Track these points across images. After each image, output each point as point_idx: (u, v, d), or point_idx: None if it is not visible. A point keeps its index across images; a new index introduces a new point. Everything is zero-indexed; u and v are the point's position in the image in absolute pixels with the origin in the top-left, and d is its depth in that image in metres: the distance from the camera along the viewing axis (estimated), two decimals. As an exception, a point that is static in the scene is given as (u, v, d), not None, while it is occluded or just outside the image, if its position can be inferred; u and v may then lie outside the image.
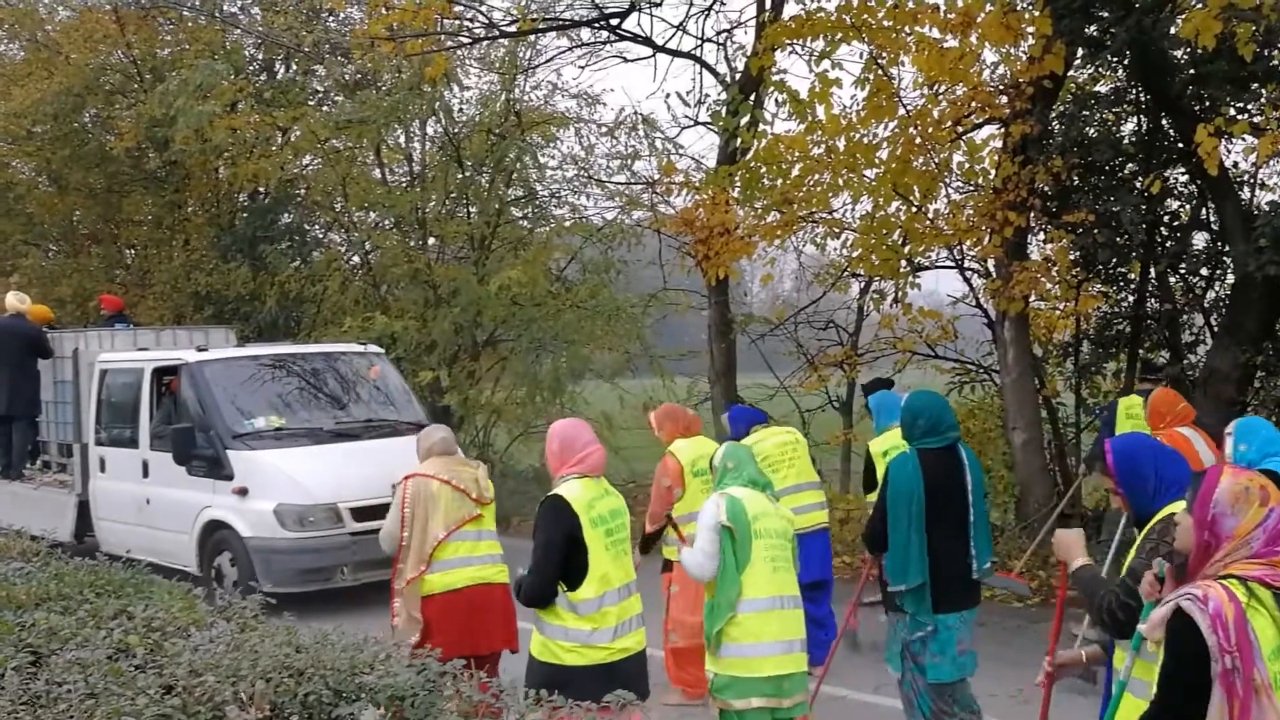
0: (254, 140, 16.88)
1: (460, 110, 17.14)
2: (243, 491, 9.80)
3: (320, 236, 19.40)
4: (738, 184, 11.76)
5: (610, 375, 17.28)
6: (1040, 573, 9.79)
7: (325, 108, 17.98)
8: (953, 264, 12.39)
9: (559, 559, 4.78)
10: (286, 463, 9.98)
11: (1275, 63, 9.49)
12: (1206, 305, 11.25)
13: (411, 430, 10.70)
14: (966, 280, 12.52)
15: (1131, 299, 11.41)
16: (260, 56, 18.89)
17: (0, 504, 11.91)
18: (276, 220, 18.29)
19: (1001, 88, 10.86)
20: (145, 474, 10.80)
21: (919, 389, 6.69)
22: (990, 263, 11.51)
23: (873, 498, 7.26)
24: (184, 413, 10.46)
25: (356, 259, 18.30)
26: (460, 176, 16.60)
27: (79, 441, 11.67)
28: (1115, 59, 10.49)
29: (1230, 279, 10.84)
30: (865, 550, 6.81)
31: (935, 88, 10.94)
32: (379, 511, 9.52)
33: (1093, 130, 10.76)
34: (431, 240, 17.16)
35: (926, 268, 12.56)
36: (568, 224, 17.40)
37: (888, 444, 7.52)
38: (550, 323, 15.57)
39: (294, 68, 18.67)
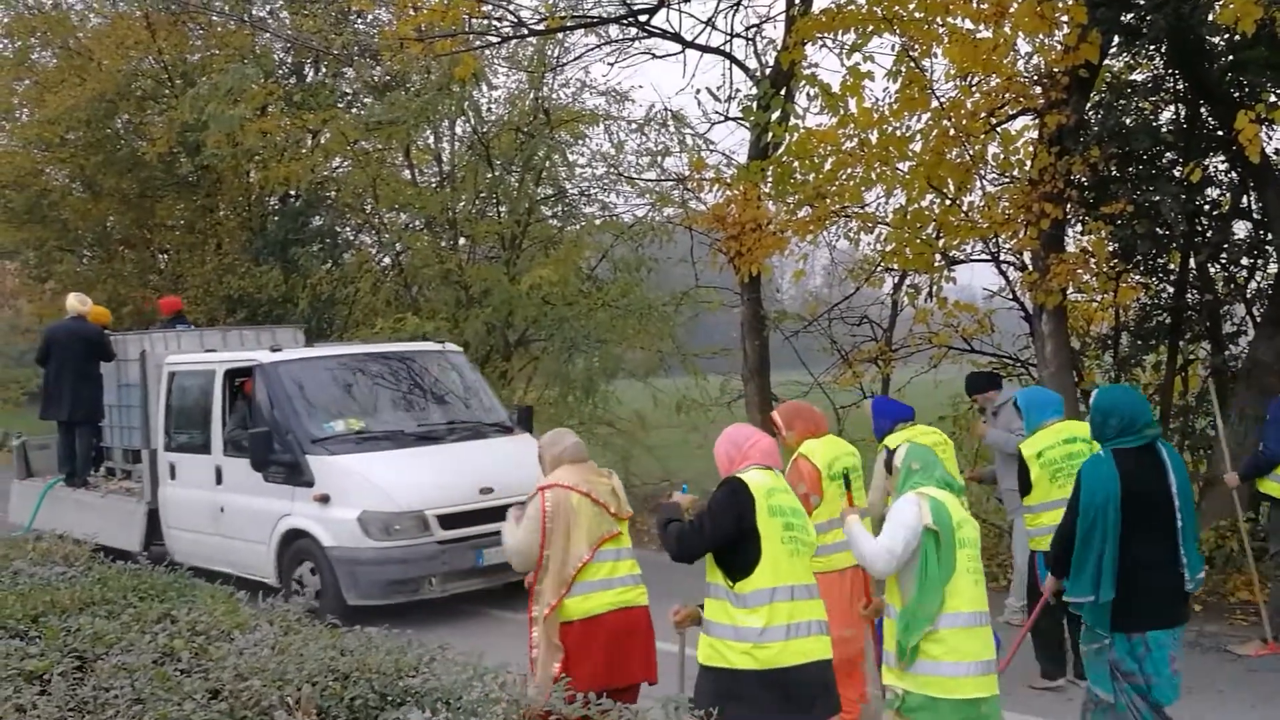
0: (284, 143, 16.98)
1: (489, 109, 17.19)
2: (324, 499, 9.39)
3: (351, 238, 19.49)
4: (769, 179, 11.68)
5: (643, 374, 17.23)
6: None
7: (355, 110, 18.06)
8: (988, 257, 12.25)
9: (724, 532, 4.56)
10: (370, 468, 9.55)
11: (1317, 47, 9.33)
12: (1249, 295, 11.07)
13: (497, 433, 10.64)
14: (1003, 273, 12.38)
15: (1171, 290, 11.25)
16: (290, 60, 18.97)
17: (65, 512, 11.68)
18: (307, 223, 18.39)
19: (1036, 78, 10.73)
20: (219, 481, 10.43)
21: (1107, 384, 6.34)
22: (1027, 255, 11.37)
23: (1029, 502, 7.05)
24: (259, 416, 10.04)
25: (387, 260, 18.35)
26: (490, 176, 16.61)
27: (147, 447, 11.29)
28: (1152, 46, 10.34)
29: (1273, 268, 10.69)
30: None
31: (968, 79, 10.82)
32: (467, 519, 9.42)
33: (1130, 119, 10.61)
34: (462, 240, 17.19)
35: (961, 261, 12.43)
36: (598, 222, 17.39)
37: (1042, 444, 7.01)
38: (582, 322, 15.54)
39: (323, 70, 18.75)
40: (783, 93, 12.13)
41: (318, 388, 10.27)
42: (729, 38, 14.63)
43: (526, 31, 13.19)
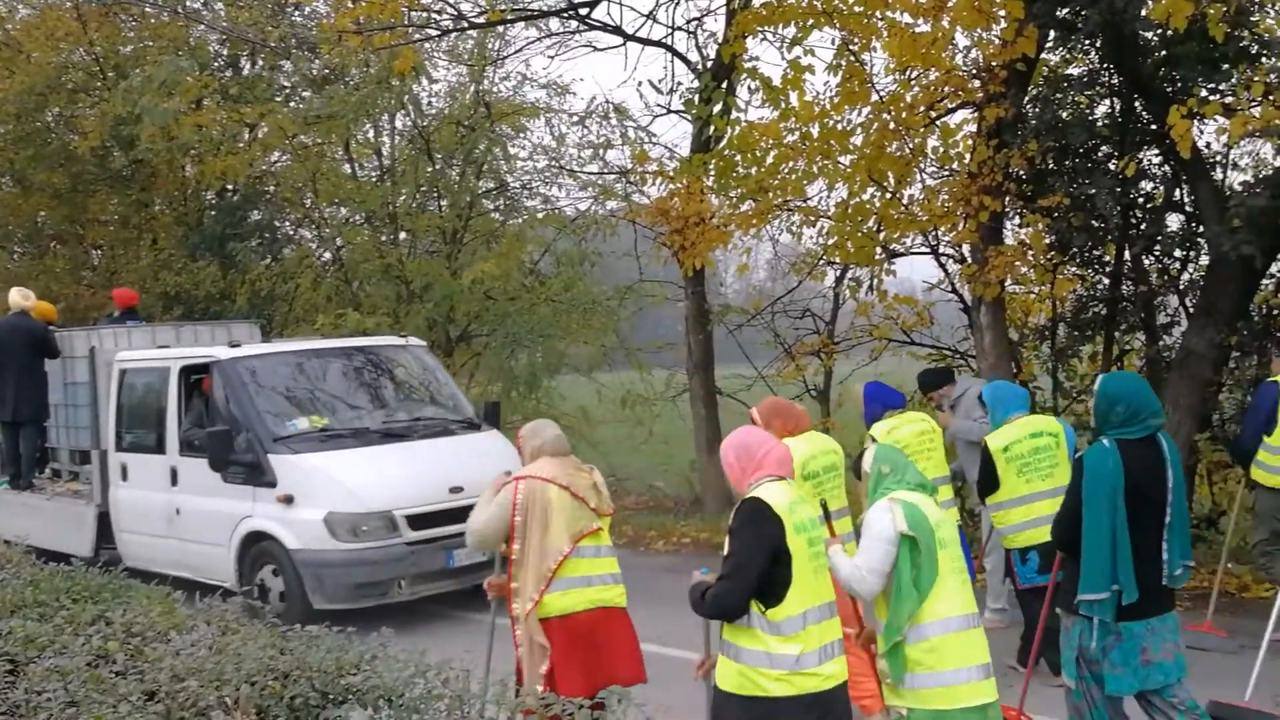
0: (221, 137, 16.68)
1: (429, 103, 17.05)
2: (288, 499, 9.08)
3: (290, 233, 19.23)
4: (712, 172, 11.70)
5: (587, 369, 17.23)
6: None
7: (293, 103, 17.80)
8: (928, 250, 12.39)
9: (758, 570, 4.18)
10: (335, 467, 9.22)
11: (1246, 43, 9.50)
12: (1181, 287, 11.27)
13: (464, 429, 10.33)
14: (942, 266, 12.53)
15: (1107, 281, 11.43)
16: (225, 52, 18.64)
17: (10, 516, 11.28)
18: (245, 218, 18.11)
19: (974, 72, 10.85)
20: (174, 482, 10.05)
21: (1114, 371, 6.24)
22: (965, 248, 11.50)
23: (997, 498, 6.93)
24: (217, 414, 9.69)
25: (327, 255, 18.13)
26: (430, 170, 16.49)
27: (97, 448, 10.88)
28: (1087, 41, 10.48)
29: (1205, 260, 10.88)
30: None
31: (908, 73, 10.91)
32: (437, 519, 9.13)
33: (1066, 113, 10.75)
34: (403, 235, 17.04)
35: (902, 254, 12.55)
36: (540, 216, 17.32)
37: (1008, 439, 6.89)
38: (525, 316, 15.48)
39: (260, 63, 18.46)
40: (724, 86, 12.17)
41: (278, 384, 9.96)
42: (670, 31, 14.67)
43: (467, 24, 13.12)
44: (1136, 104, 10.71)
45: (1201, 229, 10.41)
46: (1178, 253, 11.19)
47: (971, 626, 4.50)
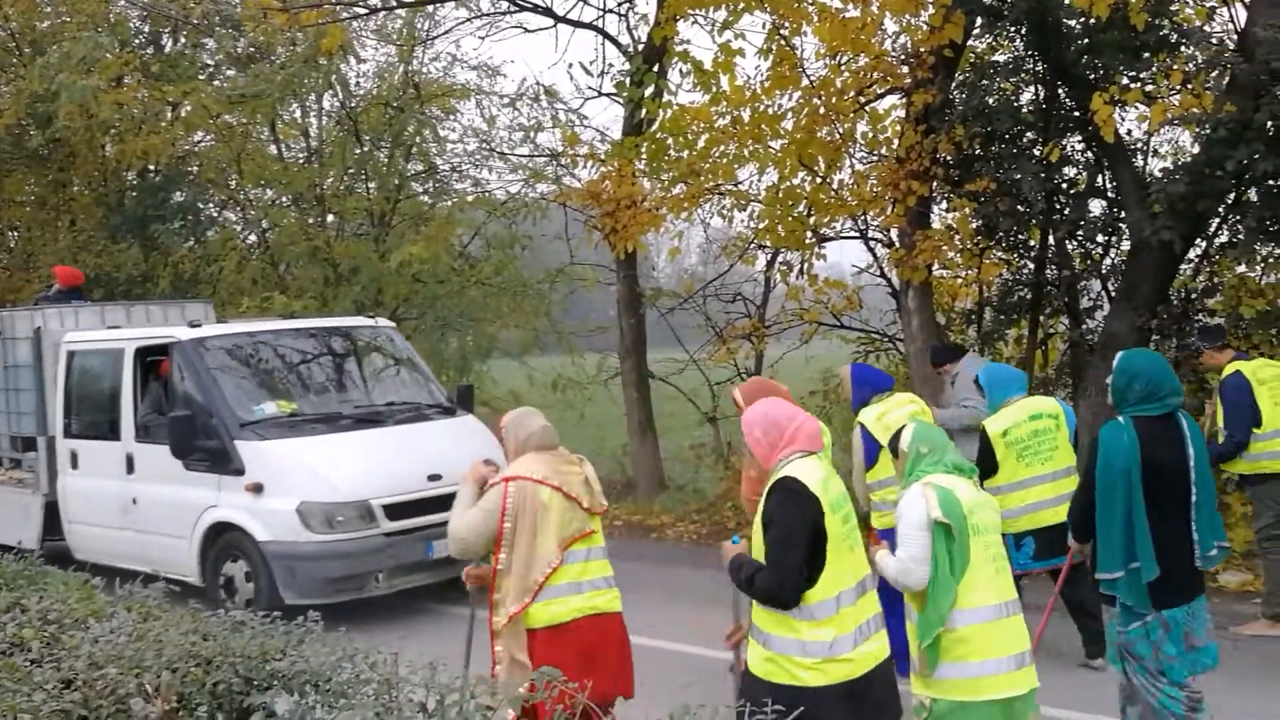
0: (142, 116, 16.31)
1: (357, 84, 16.82)
2: (257, 488, 8.58)
3: (215, 215, 18.86)
4: (644, 156, 11.70)
5: (518, 353, 17.15)
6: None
7: (217, 82, 17.46)
8: (857, 234, 12.49)
9: (804, 556, 3.89)
10: (307, 454, 8.77)
11: (1166, 32, 9.70)
12: (1104, 271, 11.49)
13: (439, 414, 9.92)
14: (871, 250, 12.65)
15: (1032, 266, 11.62)
16: (146, 29, 18.22)
17: None
18: (168, 199, 17.71)
19: (903, 57, 10.95)
20: (130, 470, 9.54)
21: (1133, 348, 5.79)
22: (894, 232, 11.62)
23: (995, 483, 6.71)
24: (178, 399, 9.16)
25: (253, 237, 17.82)
26: (359, 151, 16.28)
27: (43, 434, 10.33)
28: (1013, 28, 10.62)
29: (1126, 245, 11.10)
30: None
31: (838, 58, 10.99)
32: (415, 509, 8.73)
33: (992, 99, 10.89)
34: (330, 217, 16.84)
35: (832, 238, 12.64)
36: (470, 198, 17.20)
37: (1007, 422, 6.72)
38: (455, 300, 15.38)
39: (183, 40, 18.07)
40: (655, 69, 12.15)
41: (244, 367, 9.50)
42: (601, 13, 14.61)
43: (395, 3, 12.95)
44: (1060, 91, 10.89)
45: (1123, 214, 10.62)
46: (1100, 238, 11.40)
47: (1006, 616, 4.34)
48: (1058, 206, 11.04)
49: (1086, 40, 10.00)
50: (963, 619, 4.26)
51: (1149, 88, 9.87)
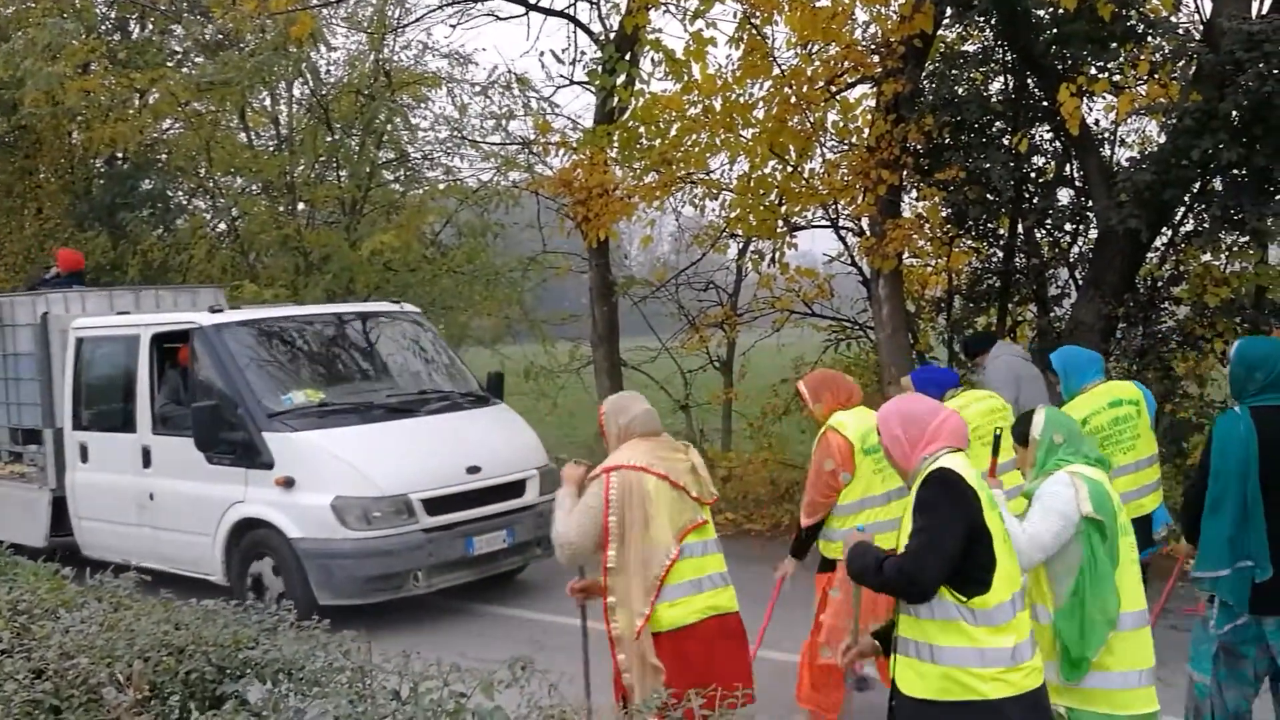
0: (109, 103, 16.16)
1: (328, 71, 16.75)
2: (288, 483, 8.12)
3: (184, 203, 18.72)
4: (615, 144, 11.69)
5: (491, 341, 17.13)
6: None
7: (185, 69, 17.31)
8: (828, 223, 12.54)
9: (955, 549, 3.53)
10: (342, 446, 8.28)
11: (1133, 23, 9.77)
12: (1071, 259, 11.58)
13: (472, 403, 9.50)
14: (842, 239, 12.70)
15: (1000, 254, 11.70)
16: (113, 15, 18.05)
17: None
18: (136, 186, 17.57)
19: (874, 47, 10.98)
20: (146, 463, 9.03)
21: (1252, 336, 5.52)
22: (864, 221, 11.67)
23: None
24: (201, 388, 8.66)
25: (223, 226, 17.73)
26: (329, 139, 16.19)
27: (50, 426, 9.83)
28: (982, 19, 10.68)
29: (1093, 233, 11.19)
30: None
31: (809, 47, 11.00)
32: (455, 503, 8.40)
33: (962, 89, 10.96)
34: (301, 205, 16.73)
35: (803, 227, 12.68)
36: (442, 187, 17.15)
37: (1086, 410, 6.18)
38: (427, 288, 15.36)
39: (150, 27, 17.90)
40: (627, 57, 12.14)
41: (269, 354, 9.05)
42: (573, 1, 14.56)
43: (366, -10, 12.86)
44: (1029, 81, 10.96)
45: (1090, 203, 10.71)
46: (1068, 226, 11.49)
47: (1142, 625, 4.10)
48: (1026, 195, 11.12)
49: (1055, 30, 10.06)
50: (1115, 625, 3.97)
51: (1116, 78, 9.95)
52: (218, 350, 8.65)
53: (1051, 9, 9.64)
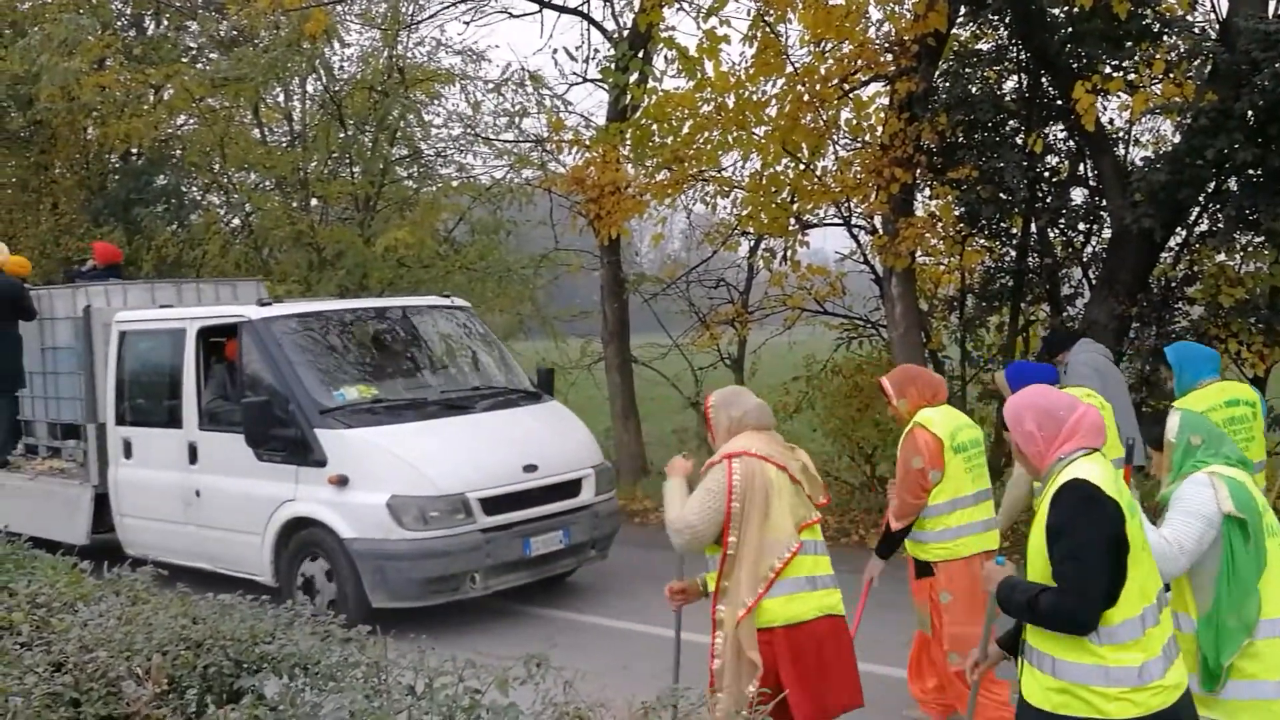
0: (125, 99, 16.23)
1: (341, 68, 16.75)
2: (342, 481, 7.85)
3: (198, 198, 18.81)
4: (628, 142, 11.71)
5: (503, 337, 17.11)
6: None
7: (200, 65, 17.37)
8: (841, 221, 12.54)
9: (1107, 573, 3.32)
10: (397, 443, 8.04)
11: (1149, 21, 9.76)
12: (1085, 259, 11.57)
13: (525, 400, 9.27)
14: (854, 237, 12.69)
15: (1014, 253, 11.68)
16: (129, 11, 18.12)
17: None
18: (151, 182, 17.65)
19: (887, 45, 10.97)
20: (193, 460, 8.79)
21: None
22: (877, 219, 11.67)
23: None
24: (250, 383, 8.44)
25: (237, 221, 17.78)
26: (343, 136, 16.23)
27: (92, 421, 9.58)
28: (996, 17, 10.67)
29: (1107, 233, 11.17)
30: None
31: (822, 45, 11.00)
32: (512, 502, 8.14)
33: (975, 88, 10.95)
34: (314, 201, 16.78)
35: (815, 225, 12.69)
36: (455, 183, 17.18)
37: (1202, 407, 5.76)
38: (439, 285, 15.35)
39: (165, 23, 17.98)
40: (640, 55, 12.16)
41: (320, 349, 8.80)
42: (586, -2, 14.58)
43: (380, -13, 12.89)
44: (1043, 80, 10.94)
45: (1104, 203, 10.69)
46: (1081, 226, 11.47)
47: None
48: (1040, 194, 11.11)
49: (1070, 29, 10.05)
50: (1260, 631, 3.75)
51: (1131, 77, 9.94)
52: (267, 344, 8.41)
53: (1067, 7, 9.62)
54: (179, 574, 8.07)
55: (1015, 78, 11.41)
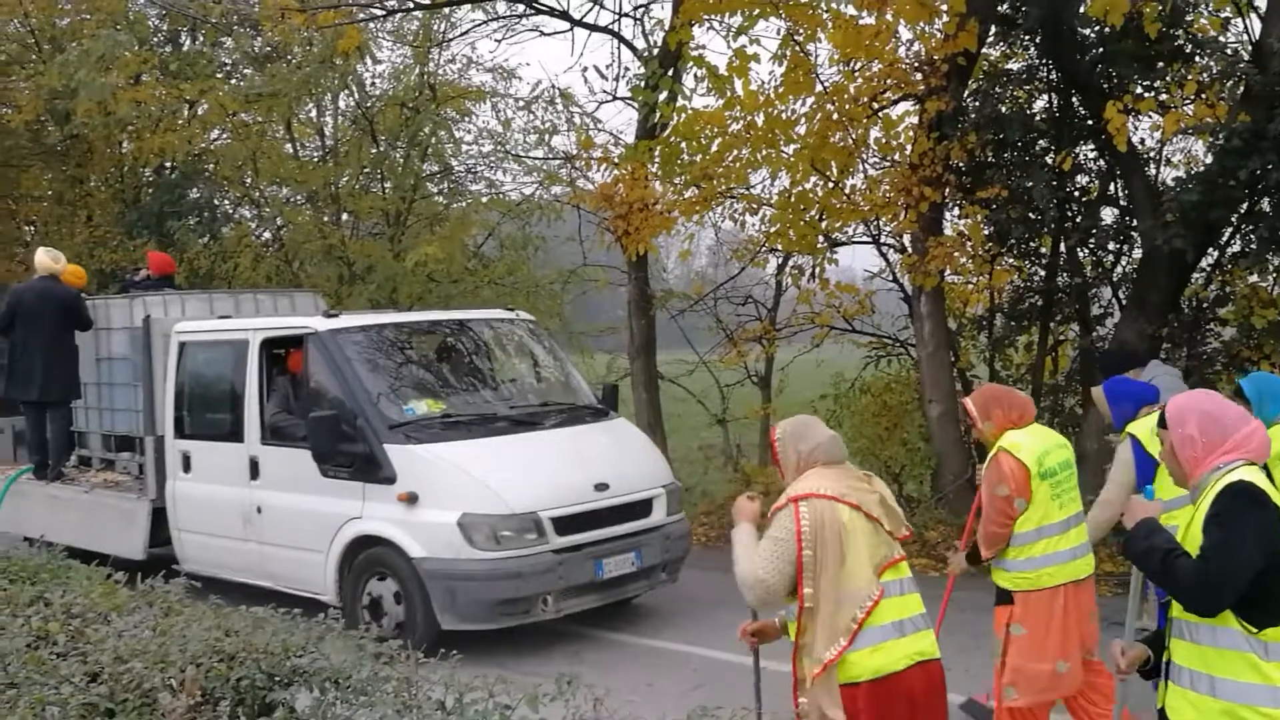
0: (160, 114, 16.43)
1: (373, 84, 16.90)
2: (411, 499, 7.62)
3: (230, 212, 18.99)
4: (657, 159, 11.75)
5: (529, 352, 17.17)
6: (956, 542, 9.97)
7: (234, 81, 17.57)
8: (869, 239, 12.54)
9: (1250, 569, 3.15)
10: (469, 460, 7.79)
11: (1180, 42, 9.74)
12: (1115, 279, 11.52)
13: (592, 416, 8.98)
14: (883, 255, 12.69)
15: (1043, 273, 11.65)
16: (165, 27, 18.35)
17: (35, 511, 10.09)
18: (184, 195, 17.86)
19: (917, 65, 10.99)
20: (254, 475, 8.56)
21: None
22: (906, 238, 11.67)
23: None
24: (315, 397, 8.24)
25: (268, 235, 17.95)
26: (374, 151, 16.37)
27: (151, 434, 9.34)
28: (1027, 36, 10.68)
29: (1137, 253, 11.12)
30: None
31: (852, 64, 11.04)
32: (584, 522, 7.88)
33: (1005, 107, 10.94)
34: (345, 216, 16.91)
35: (844, 243, 12.70)
36: (485, 199, 17.28)
37: None
38: (468, 300, 15.44)
39: (201, 39, 18.18)
40: (670, 73, 12.20)
41: (388, 362, 8.62)
42: (617, 17, 14.67)
43: (412, 5, 13.01)
44: (1073, 99, 10.92)
45: (1135, 223, 10.65)
46: (1111, 246, 11.43)
47: None
48: (1069, 214, 11.08)
49: (1101, 49, 10.04)
50: None
51: (1163, 97, 9.92)
52: (334, 357, 8.19)
53: (1098, 28, 9.61)
54: (223, 588, 8.07)
55: (1045, 97, 11.39)
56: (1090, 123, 10.56)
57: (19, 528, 10.13)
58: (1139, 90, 9.97)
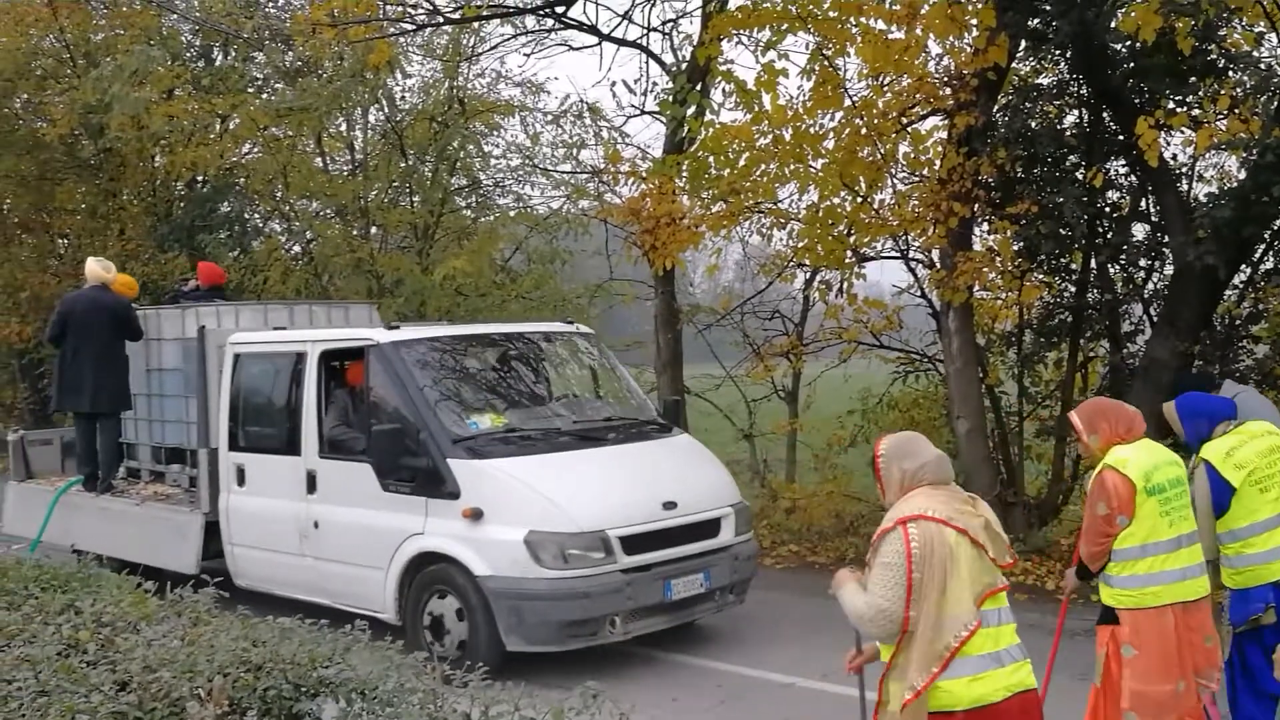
0: (192, 128, 16.61)
1: (403, 98, 17.01)
2: (476, 515, 7.44)
3: (260, 225, 19.17)
4: (684, 173, 11.76)
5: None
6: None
7: (265, 95, 17.73)
8: (898, 254, 12.49)
9: None
10: (535, 476, 7.63)
11: (1214, 57, 9.67)
12: (1146, 295, 11.43)
13: (657, 432, 8.80)
14: (911, 271, 12.64)
15: (1073, 289, 11.57)
16: (198, 43, 18.57)
17: (86, 523, 10.05)
18: (215, 209, 18.05)
19: (946, 80, 10.96)
20: (311, 489, 8.41)
21: None
22: (935, 253, 11.62)
23: None
24: (376, 410, 8.07)
25: (298, 248, 18.08)
26: (403, 165, 16.47)
27: (204, 446, 9.24)
28: (1058, 52, 10.62)
29: (1169, 269, 11.03)
30: None
31: (881, 79, 11.00)
32: (652, 541, 7.68)
33: (1035, 122, 10.90)
34: (374, 229, 17.02)
35: (872, 258, 12.63)
36: (513, 213, 17.35)
37: None
38: (496, 313, 15.49)
39: (233, 54, 18.37)
40: (698, 88, 12.23)
41: (450, 376, 8.50)
42: (645, 31, 14.71)
43: (442, 20, 13.07)
44: (1104, 115, 10.86)
45: (1166, 239, 10.57)
46: (1143, 262, 11.35)
47: None
48: (1100, 230, 11.01)
49: (1132, 64, 9.99)
50: None
51: (1195, 112, 9.84)
52: (397, 370, 8.03)
53: (1130, 43, 9.56)
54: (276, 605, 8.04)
55: (1076, 112, 11.33)
56: (1121, 138, 10.49)
57: (69, 539, 10.16)
58: (1171, 105, 9.91)
